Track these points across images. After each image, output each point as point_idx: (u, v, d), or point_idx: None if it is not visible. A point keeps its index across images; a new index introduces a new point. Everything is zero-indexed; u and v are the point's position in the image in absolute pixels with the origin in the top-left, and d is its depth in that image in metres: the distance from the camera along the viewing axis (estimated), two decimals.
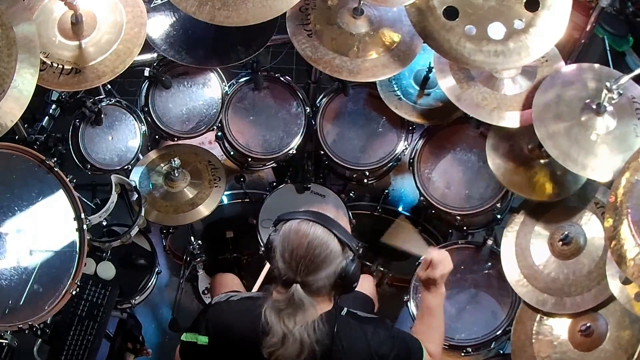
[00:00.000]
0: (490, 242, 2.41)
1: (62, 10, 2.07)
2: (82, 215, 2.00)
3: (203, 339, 1.69)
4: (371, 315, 1.76)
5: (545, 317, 2.08)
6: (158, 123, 2.46)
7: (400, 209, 2.87)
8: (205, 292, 2.93)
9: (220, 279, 2.57)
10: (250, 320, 1.60)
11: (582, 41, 2.49)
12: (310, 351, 1.54)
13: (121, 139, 2.45)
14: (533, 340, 2.07)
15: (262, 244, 2.55)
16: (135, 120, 2.47)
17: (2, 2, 1.85)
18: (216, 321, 1.69)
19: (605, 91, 1.84)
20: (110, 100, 2.44)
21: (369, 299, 2.34)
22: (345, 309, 1.69)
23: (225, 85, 2.52)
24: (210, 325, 1.69)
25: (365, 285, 2.45)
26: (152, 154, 2.55)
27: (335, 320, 1.61)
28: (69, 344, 2.17)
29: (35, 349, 2.13)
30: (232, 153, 2.63)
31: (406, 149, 2.55)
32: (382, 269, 2.90)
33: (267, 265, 2.16)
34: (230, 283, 2.50)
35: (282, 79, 2.60)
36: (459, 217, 2.45)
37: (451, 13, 2.01)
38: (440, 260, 1.85)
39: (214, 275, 2.70)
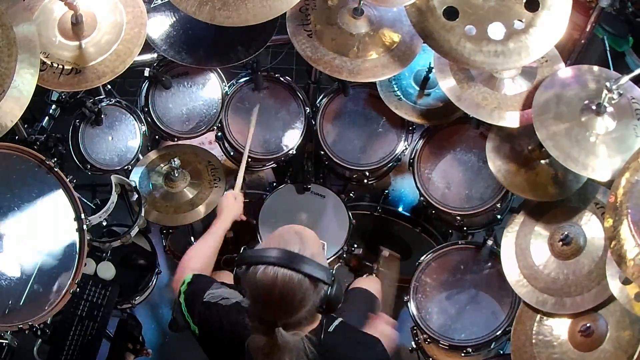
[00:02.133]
0: (490, 242, 2.41)
1: (62, 11, 2.07)
2: (82, 216, 2.00)
3: (194, 327, 1.69)
4: (363, 333, 1.72)
5: (545, 318, 2.08)
6: (158, 123, 2.47)
7: (400, 209, 2.87)
8: None
9: (217, 277, 2.56)
10: (235, 333, 1.59)
11: (582, 41, 2.49)
12: None
13: (121, 139, 2.45)
14: (533, 341, 2.07)
15: None
16: (135, 120, 2.47)
17: (2, 3, 1.85)
18: (205, 320, 1.68)
19: (605, 91, 1.84)
20: (110, 101, 2.44)
21: (374, 298, 2.33)
22: (336, 322, 1.65)
23: (225, 86, 2.52)
24: (200, 321, 1.68)
25: (372, 285, 2.44)
26: (152, 154, 2.55)
27: (321, 336, 1.57)
28: (69, 344, 2.17)
29: (35, 349, 2.13)
30: (232, 153, 2.63)
31: (406, 149, 2.54)
32: (382, 269, 2.90)
33: (244, 162, 2.32)
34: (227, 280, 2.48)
35: (282, 79, 2.59)
36: (459, 218, 2.44)
37: (451, 13, 2.01)
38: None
39: (213, 273, 2.69)
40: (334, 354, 1.59)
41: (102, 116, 2.38)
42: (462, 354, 2.33)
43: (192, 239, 2.77)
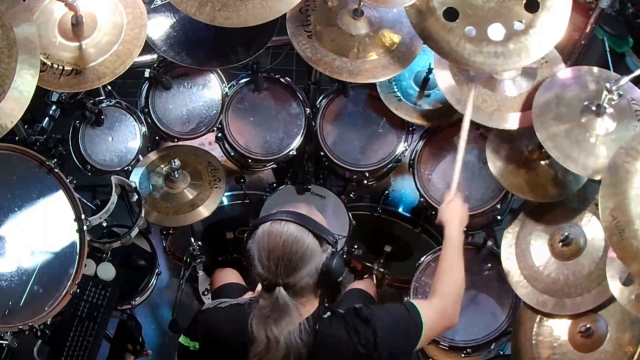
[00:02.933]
0: (490, 243, 2.41)
1: (62, 12, 2.07)
2: (82, 216, 2.01)
3: (194, 345, 1.69)
4: (351, 307, 1.70)
5: (545, 318, 2.08)
6: (158, 124, 2.47)
7: (400, 209, 2.88)
8: (205, 293, 2.93)
9: (220, 274, 2.56)
10: (237, 329, 1.60)
11: (582, 42, 2.49)
12: (296, 356, 1.54)
13: (121, 140, 2.45)
14: (533, 342, 2.07)
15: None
16: (136, 121, 2.47)
17: (2, 3, 1.85)
18: (205, 328, 1.69)
19: (605, 92, 1.84)
20: (111, 102, 2.44)
21: (370, 297, 2.34)
22: (330, 311, 1.66)
23: (226, 87, 2.52)
24: (199, 332, 1.69)
25: (367, 286, 2.45)
26: (152, 155, 2.55)
27: (317, 323, 1.59)
28: (69, 345, 2.17)
29: (35, 349, 2.13)
30: (232, 154, 2.63)
31: (406, 150, 2.55)
32: (382, 269, 2.90)
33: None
34: (230, 277, 2.49)
35: (282, 80, 2.60)
36: None
37: (451, 14, 2.01)
38: (453, 212, 1.96)
39: (214, 272, 2.69)
40: (326, 338, 1.60)
41: (102, 117, 2.38)
42: (462, 355, 2.33)
43: (192, 239, 2.78)
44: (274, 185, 2.77)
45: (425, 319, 1.68)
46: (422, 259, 2.49)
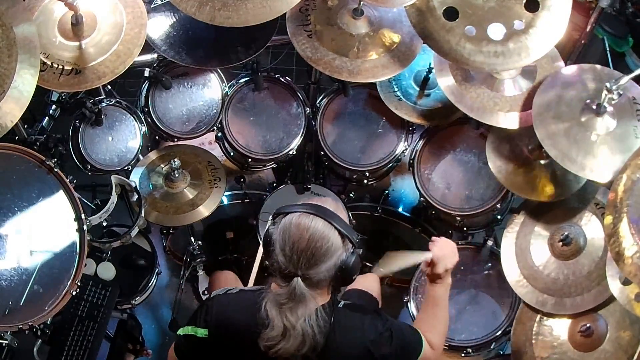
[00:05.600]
0: (490, 242, 2.41)
1: (62, 11, 2.07)
2: (82, 216, 2.00)
3: (202, 332, 1.68)
4: (369, 306, 1.76)
5: (545, 318, 2.08)
6: (158, 124, 2.47)
7: (400, 209, 2.87)
8: (205, 292, 2.93)
9: (219, 276, 2.57)
10: (249, 313, 1.60)
11: (582, 42, 2.49)
12: (311, 344, 1.55)
13: (121, 139, 2.45)
14: (533, 341, 2.07)
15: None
16: (136, 120, 2.47)
17: (2, 3, 1.85)
18: (216, 313, 1.68)
19: (605, 92, 1.84)
20: (111, 101, 2.44)
21: (373, 299, 2.34)
22: (343, 301, 1.69)
23: (225, 86, 2.52)
24: (209, 318, 1.68)
25: (369, 284, 2.44)
26: (152, 155, 2.55)
27: (333, 312, 1.61)
28: (69, 344, 2.17)
29: (35, 349, 2.13)
30: (232, 154, 2.63)
31: (406, 149, 2.55)
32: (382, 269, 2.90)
33: (259, 257, 2.13)
34: (229, 280, 2.49)
35: (282, 79, 2.60)
36: (459, 218, 2.45)
37: (451, 14, 2.01)
38: (441, 256, 1.83)
39: (212, 273, 2.70)
40: (343, 328, 1.62)
41: (102, 116, 2.38)
42: (462, 355, 2.33)
43: (192, 239, 2.77)
44: (274, 184, 2.76)
45: (425, 345, 1.74)
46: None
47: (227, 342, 1.68)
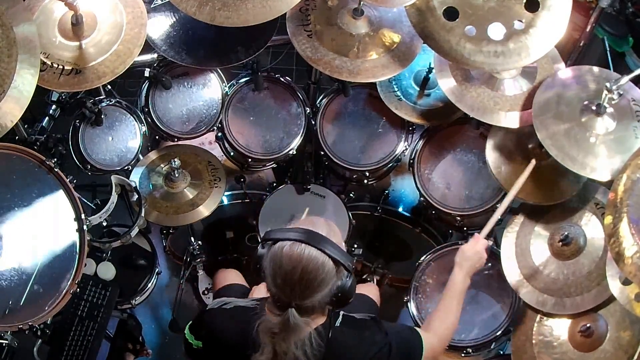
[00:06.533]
0: (490, 243, 2.41)
1: (62, 11, 2.07)
2: (82, 216, 2.00)
3: (197, 343, 1.70)
4: (366, 317, 1.72)
5: (545, 318, 2.08)
6: (158, 123, 2.47)
7: (400, 209, 2.87)
8: (206, 292, 2.93)
9: (223, 274, 2.56)
10: (241, 333, 1.59)
11: (582, 42, 2.49)
12: None
13: (121, 139, 2.45)
14: (533, 341, 2.07)
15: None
16: (136, 120, 2.47)
17: (2, 3, 1.85)
18: (208, 328, 1.69)
19: (605, 92, 1.85)
20: (111, 101, 2.44)
21: (373, 302, 2.34)
22: (341, 316, 1.66)
23: (226, 86, 2.52)
24: (203, 332, 1.69)
25: (367, 287, 2.44)
26: (152, 155, 2.55)
27: (329, 332, 1.58)
28: (69, 344, 2.17)
29: (35, 349, 2.13)
30: (232, 153, 2.63)
31: (406, 149, 2.55)
32: (382, 269, 2.90)
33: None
34: (233, 278, 2.49)
35: (282, 79, 2.60)
36: (459, 218, 2.45)
37: (451, 13, 2.01)
38: (466, 258, 1.94)
39: (216, 272, 2.69)
40: (341, 348, 1.60)
41: (102, 116, 2.38)
42: (462, 354, 2.33)
43: (192, 239, 2.77)
44: (274, 184, 2.76)
45: (425, 346, 1.73)
46: (422, 258, 2.49)
47: (220, 356, 1.70)
